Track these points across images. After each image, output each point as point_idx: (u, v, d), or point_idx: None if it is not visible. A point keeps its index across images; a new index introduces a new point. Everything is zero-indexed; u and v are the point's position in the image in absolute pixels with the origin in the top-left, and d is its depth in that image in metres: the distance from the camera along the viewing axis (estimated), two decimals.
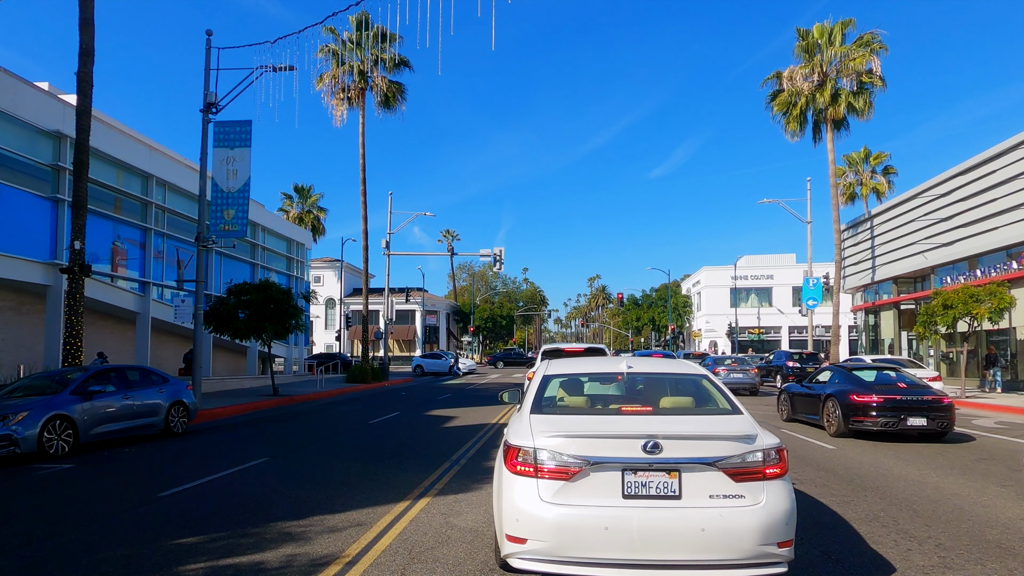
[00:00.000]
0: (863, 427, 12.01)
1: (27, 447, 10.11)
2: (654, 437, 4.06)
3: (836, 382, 13.35)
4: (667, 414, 4.69)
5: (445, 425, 14.64)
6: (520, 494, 4.11)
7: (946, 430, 11.95)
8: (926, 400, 11.88)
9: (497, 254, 35.74)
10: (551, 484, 4.08)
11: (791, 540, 4.03)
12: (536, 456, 4.15)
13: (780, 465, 4.14)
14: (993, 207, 24.34)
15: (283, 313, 22.32)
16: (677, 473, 4.03)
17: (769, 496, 4.02)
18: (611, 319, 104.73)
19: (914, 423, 11.73)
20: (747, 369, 24.77)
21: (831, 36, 33.24)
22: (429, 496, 7.49)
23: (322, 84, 34.20)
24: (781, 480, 4.12)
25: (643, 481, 4.03)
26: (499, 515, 4.35)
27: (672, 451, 4.04)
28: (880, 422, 11.80)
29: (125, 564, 5.20)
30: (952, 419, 12.02)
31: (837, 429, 12.49)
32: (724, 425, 4.37)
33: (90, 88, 15.74)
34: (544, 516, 3.99)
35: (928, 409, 11.80)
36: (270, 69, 18.24)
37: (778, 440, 4.27)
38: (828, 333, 41.33)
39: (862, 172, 50.23)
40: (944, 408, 11.87)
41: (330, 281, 69.60)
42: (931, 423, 11.74)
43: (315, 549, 5.53)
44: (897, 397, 11.97)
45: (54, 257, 19.62)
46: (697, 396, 5.11)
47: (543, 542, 3.98)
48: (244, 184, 18.97)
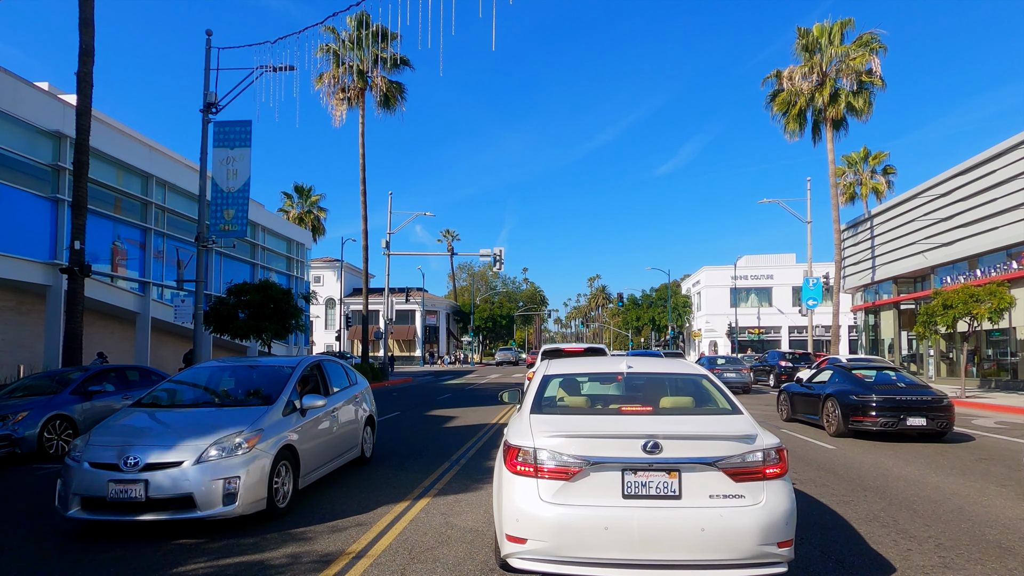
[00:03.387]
0: (863, 427, 11.95)
1: (27, 447, 10.11)
2: (654, 437, 4.06)
3: (836, 382, 13.25)
4: (667, 414, 4.69)
5: (445, 425, 14.64)
6: (520, 494, 4.11)
7: (946, 430, 11.91)
8: (926, 400, 11.83)
9: (497, 254, 35.74)
10: (551, 484, 4.07)
11: (791, 540, 4.03)
12: (536, 456, 4.15)
13: (780, 465, 4.14)
14: (993, 207, 24.31)
15: (283, 313, 22.30)
16: (677, 473, 4.03)
17: (769, 496, 4.02)
18: (611, 319, 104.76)
19: (914, 423, 11.68)
20: (740, 368, 25.72)
21: (831, 35, 33.21)
22: (429, 496, 7.50)
23: (322, 84, 34.19)
24: (781, 480, 4.12)
25: (643, 481, 4.03)
26: (499, 515, 4.35)
27: (672, 451, 4.03)
28: (880, 422, 11.74)
29: (125, 564, 5.20)
30: (952, 419, 11.98)
31: (837, 429, 12.43)
32: (724, 425, 4.38)
33: (90, 88, 15.75)
34: (544, 516, 3.99)
35: (928, 409, 11.74)
36: (270, 69, 18.24)
37: (778, 440, 4.28)
38: (828, 333, 41.36)
39: (862, 172, 50.26)
40: (944, 408, 11.82)
41: (330, 281, 69.60)
42: (931, 423, 11.70)
43: (316, 548, 5.54)
44: (897, 397, 11.92)
45: (54, 257, 19.63)
46: (697, 396, 5.10)
47: (543, 542, 3.98)
48: (244, 184, 18.97)
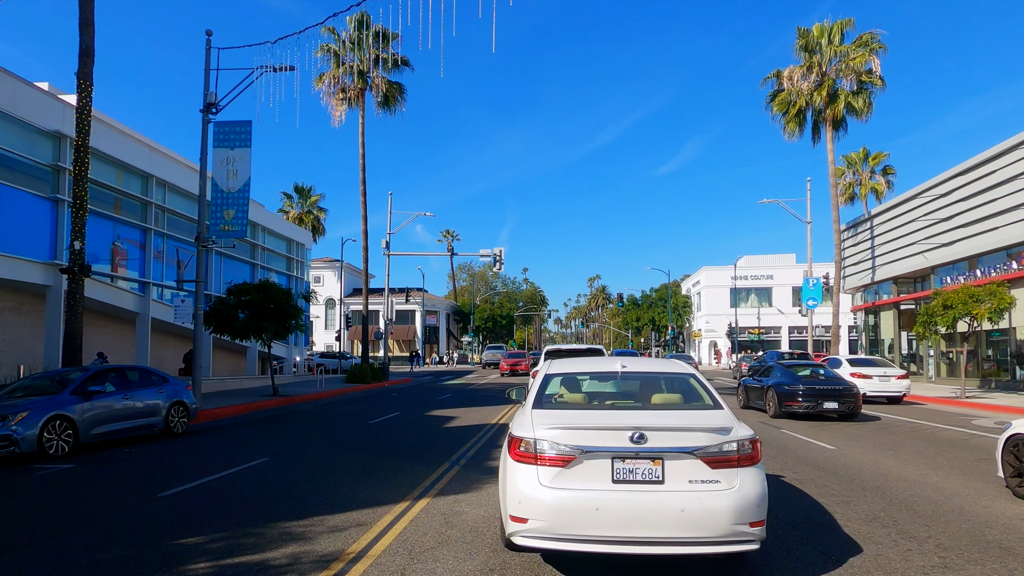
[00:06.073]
0: (792, 410, 15.18)
1: (27, 447, 10.11)
2: (640, 429, 4.46)
3: (776, 376, 16.41)
4: (654, 409, 5.11)
5: (445, 425, 14.64)
6: (522, 479, 4.53)
7: (854, 412, 15.10)
8: (838, 389, 15.19)
9: (497, 254, 35.74)
10: (549, 470, 4.49)
11: (763, 520, 4.42)
12: (536, 446, 4.57)
13: (753, 455, 4.54)
14: (993, 207, 24.31)
15: (283, 313, 22.32)
16: (660, 461, 4.44)
17: (742, 481, 4.41)
18: (611, 319, 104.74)
19: (828, 406, 14.98)
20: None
21: (831, 35, 33.19)
22: (429, 496, 7.50)
23: (322, 84, 34.20)
24: (754, 467, 4.52)
25: (630, 468, 4.44)
26: (504, 498, 4.80)
27: (656, 441, 4.44)
28: (804, 406, 15.00)
29: (125, 564, 5.20)
30: (858, 403, 15.22)
31: (774, 412, 15.63)
32: (704, 418, 4.75)
33: (90, 88, 15.74)
34: (543, 499, 4.41)
35: (839, 396, 15.02)
36: (270, 69, 18.24)
37: (752, 432, 4.68)
38: (828, 333, 41.34)
39: (861, 172, 50.28)
40: (852, 396, 15.11)
41: (330, 281, 69.61)
42: (841, 406, 14.95)
43: (316, 549, 5.54)
44: (817, 387, 15.26)
45: (54, 257, 19.61)
46: (685, 392, 5.57)
47: (542, 521, 4.40)
48: (244, 184, 18.97)
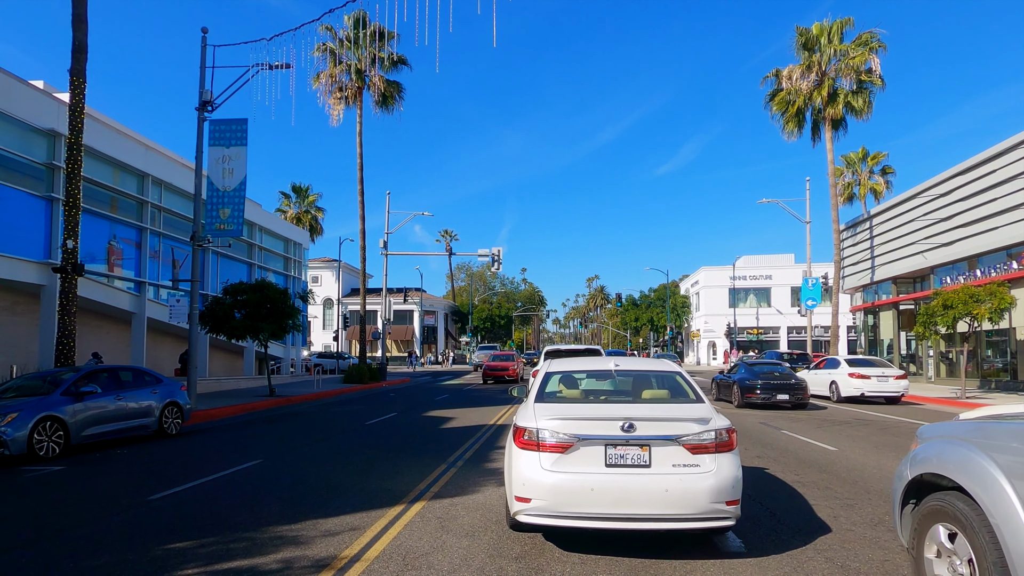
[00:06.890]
0: (751, 401, 18.12)
1: (17, 449, 9.96)
2: (630, 419, 5.07)
3: (740, 373, 19.44)
4: (642, 402, 5.83)
5: (442, 426, 14.50)
6: (526, 464, 5.14)
7: (802, 402, 18.13)
8: (789, 384, 18.12)
9: (495, 254, 35.60)
10: (549, 456, 5.11)
11: (738, 500, 5.02)
12: (538, 434, 5.18)
13: (729, 442, 5.14)
14: (993, 207, 24.20)
15: (280, 313, 22.16)
16: (648, 447, 5.05)
17: (720, 465, 5.01)
18: (609, 319, 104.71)
19: (781, 398, 17.94)
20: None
21: (830, 35, 33.08)
22: (425, 499, 7.36)
23: (319, 83, 33.99)
24: (730, 453, 5.12)
25: (621, 453, 5.06)
26: (509, 482, 5.39)
27: (644, 430, 5.05)
28: (761, 397, 17.95)
29: (111, 571, 5.04)
30: (806, 396, 18.22)
31: (738, 403, 18.67)
32: (686, 411, 5.33)
33: (83, 85, 15.56)
34: (544, 481, 5.02)
35: (790, 389, 17.97)
36: (266, 67, 18.11)
37: (728, 422, 5.28)
38: (827, 333, 41.29)
39: (860, 172, 50.23)
40: (800, 389, 18.07)
41: (328, 281, 69.45)
42: (791, 398, 17.92)
43: (309, 553, 5.40)
44: (772, 382, 18.11)
45: (48, 257, 19.45)
46: (671, 388, 6.25)
47: (543, 501, 5.01)
48: (240, 183, 18.83)
